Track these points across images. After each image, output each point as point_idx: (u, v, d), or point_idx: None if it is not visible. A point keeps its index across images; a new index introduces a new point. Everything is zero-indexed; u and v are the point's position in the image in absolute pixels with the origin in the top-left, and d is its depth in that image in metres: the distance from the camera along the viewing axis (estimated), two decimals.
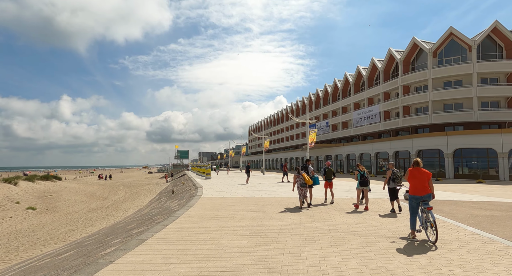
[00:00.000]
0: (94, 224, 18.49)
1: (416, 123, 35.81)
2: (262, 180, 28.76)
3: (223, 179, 30.47)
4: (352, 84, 48.23)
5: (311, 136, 29.42)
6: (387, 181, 9.24)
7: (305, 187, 10.35)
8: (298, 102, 69.27)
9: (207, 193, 16.42)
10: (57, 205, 26.25)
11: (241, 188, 19.40)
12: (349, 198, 13.31)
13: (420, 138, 32.70)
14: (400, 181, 9.00)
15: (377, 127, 42.32)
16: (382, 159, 39.15)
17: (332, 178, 11.73)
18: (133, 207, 25.10)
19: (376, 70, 43.67)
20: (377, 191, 15.79)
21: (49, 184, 37.87)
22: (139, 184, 54.31)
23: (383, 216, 8.77)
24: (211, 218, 8.63)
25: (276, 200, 12.85)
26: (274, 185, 21.33)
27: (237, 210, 10.10)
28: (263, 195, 14.83)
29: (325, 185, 11.95)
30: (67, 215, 22.17)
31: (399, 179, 8.98)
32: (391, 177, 9.08)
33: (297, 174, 10.65)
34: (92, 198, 33.02)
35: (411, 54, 37.29)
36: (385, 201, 11.86)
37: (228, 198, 13.82)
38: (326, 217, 8.69)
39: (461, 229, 7.08)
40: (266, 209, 10.29)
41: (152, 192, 37.03)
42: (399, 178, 9.00)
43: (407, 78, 36.77)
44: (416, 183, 6.10)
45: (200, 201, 12.57)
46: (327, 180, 11.77)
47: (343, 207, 10.72)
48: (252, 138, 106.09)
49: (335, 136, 53.44)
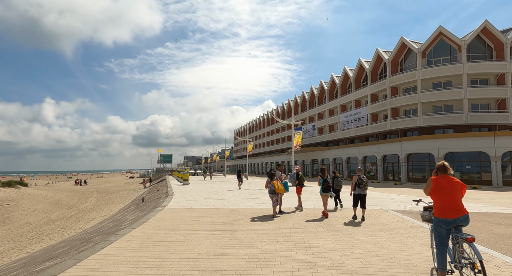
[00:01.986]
0: (43, 239, 15.82)
1: (405, 126, 34.46)
2: (244, 185, 26.53)
3: (202, 185, 28.08)
4: (338, 86, 46.81)
5: (296, 139, 27.49)
6: (353, 187, 8.98)
7: (275, 194, 9.77)
8: (284, 105, 67.58)
9: (174, 202, 14.10)
10: (10, 216, 23.23)
11: (217, 195, 17.14)
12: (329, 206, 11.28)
13: (409, 141, 31.28)
14: (365, 187, 8.79)
15: (364, 130, 40.88)
16: (370, 163, 37.63)
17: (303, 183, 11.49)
18: (98, 217, 22.42)
19: (363, 71, 42.35)
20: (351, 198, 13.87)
21: (10, 191, 34.50)
22: (115, 190, 51.07)
23: (383, 237, 6.75)
24: (156, 243, 6.39)
25: (252, 212, 10.70)
26: (254, 192, 19.17)
27: (198, 228, 7.88)
28: (239, 205, 12.65)
29: (298, 190, 11.37)
30: (17, 228, 19.32)
31: (364, 184, 8.76)
32: (356, 183, 8.84)
33: (269, 180, 9.94)
34: (57, 206, 29.97)
35: (399, 55, 36.07)
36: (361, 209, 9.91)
37: (196, 209, 11.57)
38: (310, 238, 6.59)
39: (500, 261, 5.10)
40: (236, 226, 8.11)
41: (126, 199, 34.20)
42: (364, 184, 8.77)
43: (396, 79, 35.48)
44: (446, 199, 4.08)
45: (160, 214, 10.28)
46: (300, 185, 11.39)
47: (318, 216, 8.66)
48: (238, 142, 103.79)
49: (322, 140, 51.85)
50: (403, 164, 31.68)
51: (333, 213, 10.24)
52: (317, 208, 11.36)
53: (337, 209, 11.20)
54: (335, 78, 48.22)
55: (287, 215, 9.89)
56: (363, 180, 8.73)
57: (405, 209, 11.27)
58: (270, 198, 9.95)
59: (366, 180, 8.79)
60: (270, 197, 9.86)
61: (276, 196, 9.85)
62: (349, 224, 8.31)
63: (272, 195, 9.80)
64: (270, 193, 9.84)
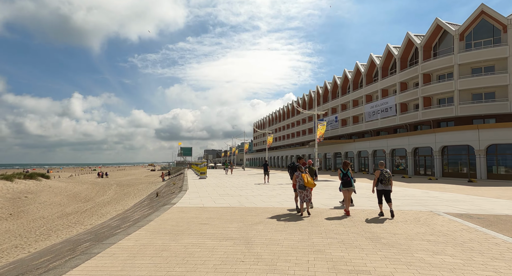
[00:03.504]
0: (51, 236, 14.92)
1: (439, 116, 31.55)
2: (263, 180, 24.96)
3: (220, 179, 26.76)
4: (364, 74, 44.00)
5: (319, 130, 25.50)
6: (375, 182, 8.38)
7: (305, 189, 8.53)
8: (304, 97, 65.16)
9: (186, 199, 12.70)
10: (26, 209, 22.83)
11: (233, 191, 15.63)
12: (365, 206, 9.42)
13: (445, 133, 28.48)
14: (388, 182, 8.18)
15: (392, 121, 38.12)
16: (399, 157, 35.01)
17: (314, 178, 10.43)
18: (112, 212, 21.56)
19: (391, 58, 39.38)
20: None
21: (31, 183, 34.64)
22: (135, 183, 50.96)
23: (455, 256, 4.92)
24: (147, 259, 4.86)
25: (272, 212, 9.06)
26: (275, 187, 17.52)
27: (206, 236, 6.32)
28: (257, 204, 11.05)
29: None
30: (29, 222, 18.69)
31: (386, 180, 8.17)
32: (379, 178, 8.26)
33: (297, 174, 8.78)
34: (74, 199, 29.62)
35: (433, 38, 32.95)
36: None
37: (208, 209, 10.06)
38: (352, 256, 4.86)
39: None
40: (252, 233, 6.49)
41: (143, 193, 33.52)
42: (386, 179, 8.17)
43: (429, 65, 32.47)
44: None
45: (165, 215, 8.84)
46: None
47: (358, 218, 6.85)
48: (257, 135, 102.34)
49: (345, 132, 49.33)
50: (437, 157, 28.97)
51: (348, 211, 8.42)
52: (340, 207, 9.56)
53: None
54: (360, 67, 45.38)
55: (315, 218, 8.17)
56: (385, 175, 8.13)
57: (461, 212, 9.25)
58: (298, 194, 8.71)
59: (389, 175, 8.16)
60: (298, 192, 8.66)
61: (306, 191, 8.55)
62: (395, 231, 6.49)
63: (301, 190, 8.55)
64: (299, 188, 8.58)
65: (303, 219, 8.03)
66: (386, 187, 8.17)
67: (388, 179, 8.10)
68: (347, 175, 8.79)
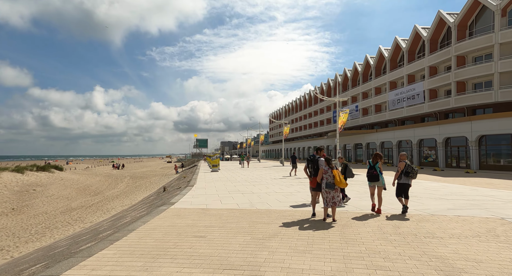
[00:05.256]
0: (45, 235, 13.57)
1: (475, 102, 28.38)
2: (280, 173, 23.01)
3: (233, 172, 25.00)
4: (387, 60, 40.78)
5: (341, 118, 23.14)
6: (398, 175, 7.55)
7: (333, 188, 6.73)
8: (322, 85, 62.22)
9: (189, 197, 10.91)
10: (31, 203, 21.86)
11: (245, 187, 13.74)
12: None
13: (483, 121, 25.45)
14: (415, 176, 7.39)
15: (420, 109, 35.06)
16: (427, 147, 32.13)
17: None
18: (118, 207, 20.22)
19: (419, 40, 36.04)
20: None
21: (43, 175, 34.09)
22: (149, 175, 50.14)
23: None
24: None
25: (291, 217, 7.09)
26: (292, 182, 15.50)
27: (196, 261, 4.42)
28: (271, 204, 9.10)
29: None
30: (29, 218, 17.54)
31: (414, 173, 7.35)
32: (403, 171, 7.44)
33: (327, 168, 6.89)
34: (83, 192, 28.66)
35: (468, 16, 29.53)
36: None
37: (212, 210, 8.19)
38: None
39: None
40: (263, 255, 4.53)
41: (155, 186, 32.30)
42: (414, 172, 7.36)
43: (464, 46, 29.17)
44: None
45: (155, 221, 7.03)
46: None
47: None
48: (273, 126, 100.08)
49: (366, 122, 46.45)
50: (474, 148, 26.02)
51: (351, 209, 6.28)
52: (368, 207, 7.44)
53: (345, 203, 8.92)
54: (383, 51, 42.13)
55: (347, 228, 6.11)
56: (413, 168, 7.39)
57: None
58: (322, 194, 7.00)
59: (416, 169, 7.43)
60: (323, 192, 6.89)
61: (334, 191, 6.77)
62: (473, 255, 4.37)
63: (329, 190, 6.77)
64: (326, 188, 6.78)
65: (331, 230, 6.00)
66: (409, 180, 7.47)
67: (416, 172, 7.40)
68: (374, 168, 7.64)
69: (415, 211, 7.84)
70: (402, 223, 6.52)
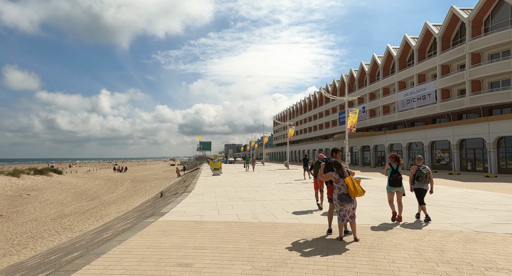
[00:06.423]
0: (26, 247, 12.31)
1: (492, 102, 26.82)
2: (285, 177, 21.64)
3: (235, 176, 23.67)
4: (396, 59, 39.33)
5: (351, 119, 21.75)
6: (411, 180, 7.02)
7: (349, 201, 5.37)
8: (328, 86, 60.83)
9: (183, 206, 9.59)
10: (22, 209, 20.69)
11: (248, 193, 12.39)
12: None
13: (502, 121, 23.88)
14: (426, 180, 6.86)
15: (431, 110, 33.53)
16: (440, 150, 30.55)
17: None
18: (113, 213, 18.98)
19: (430, 38, 34.58)
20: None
21: (40, 179, 33.06)
22: (150, 178, 48.97)
23: None
24: None
25: (301, 234, 5.69)
26: (298, 187, 14.11)
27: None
28: (277, 216, 7.74)
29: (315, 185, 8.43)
30: (16, 226, 16.33)
31: (423, 177, 6.84)
32: (415, 175, 6.94)
33: (338, 177, 5.47)
34: (79, 197, 27.47)
35: (484, 11, 28.05)
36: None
37: (206, 224, 6.85)
38: None
39: None
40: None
41: (155, 190, 31.05)
42: (423, 176, 6.84)
43: (479, 42, 27.67)
44: None
45: (135, 239, 5.71)
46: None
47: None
48: (277, 128, 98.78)
49: (374, 124, 44.94)
50: (492, 151, 24.43)
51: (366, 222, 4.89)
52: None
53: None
54: (391, 50, 40.70)
55: (377, 252, 4.72)
56: (422, 172, 6.94)
57: None
58: (336, 207, 5.55)
59: (427, 172, 6.95)
60: (337, 205, 5.48)
61: (350, 204, 5.43)
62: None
63: (345, 203, 5.40)
64: (341, 201, 5.39)
65: (356, 255, 4.61)
66: (423, 185, 6.98)
67: (425, 176, 6.88)
68: (397, 171, 6.94)
69: (453, 227, 6.43)
70: (444, 245, 5.12)
